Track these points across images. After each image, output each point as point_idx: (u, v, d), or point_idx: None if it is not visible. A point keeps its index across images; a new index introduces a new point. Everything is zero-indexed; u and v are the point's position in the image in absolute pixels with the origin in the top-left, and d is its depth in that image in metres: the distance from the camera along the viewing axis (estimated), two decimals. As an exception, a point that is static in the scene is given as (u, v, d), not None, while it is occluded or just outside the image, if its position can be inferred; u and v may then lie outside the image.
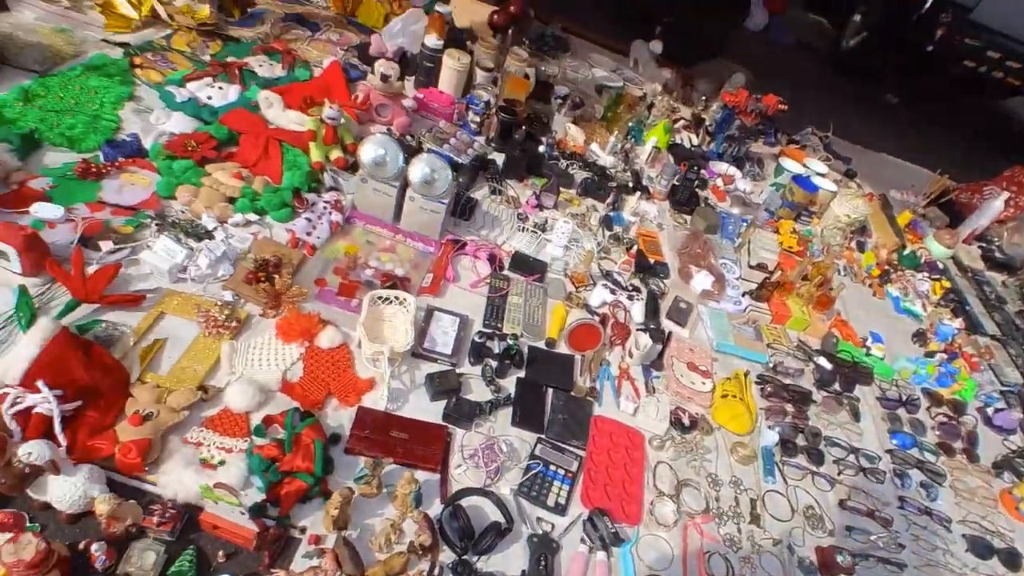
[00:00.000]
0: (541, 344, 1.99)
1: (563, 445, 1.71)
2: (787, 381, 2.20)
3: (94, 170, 1.94)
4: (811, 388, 2.22)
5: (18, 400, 1.31)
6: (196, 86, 2.37)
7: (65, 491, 1.23)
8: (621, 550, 1.54)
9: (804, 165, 3.36)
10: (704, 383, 2.05)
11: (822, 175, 3.29)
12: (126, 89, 2.31)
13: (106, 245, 1.74)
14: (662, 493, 1.69)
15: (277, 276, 1.81)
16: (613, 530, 1.51)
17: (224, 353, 1.60)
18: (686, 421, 1.90)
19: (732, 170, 3.24)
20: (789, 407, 2.10)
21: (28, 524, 1.24)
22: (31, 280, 1.59)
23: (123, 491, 1.33)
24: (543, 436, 1.72)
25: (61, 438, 1.32)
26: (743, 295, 2.48)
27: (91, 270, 1.63)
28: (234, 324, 1.67)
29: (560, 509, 1.57)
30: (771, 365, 2.24)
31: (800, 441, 2.01)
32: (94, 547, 1.17)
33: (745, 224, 2.84)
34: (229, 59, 2.62)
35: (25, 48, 2.29)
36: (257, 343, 1.68)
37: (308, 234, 1.99)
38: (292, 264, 1.88)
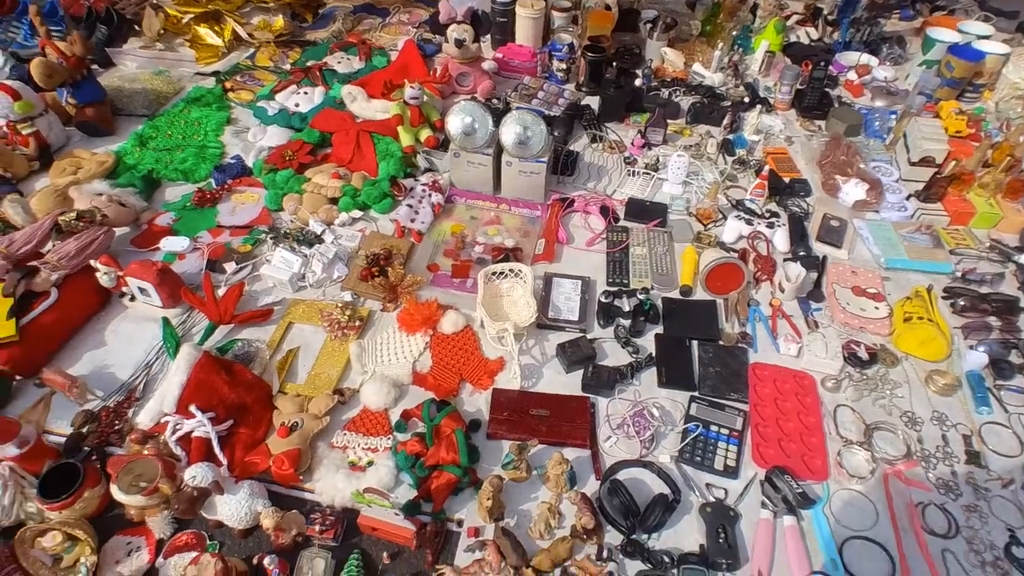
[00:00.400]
0: (675, 294, 1.80)
1: (721, 401, 1.52)
2: (984, 290, 1.82)
3: (209, 196, 2.01)
4: (1016, 294, 1.83)
5: (178, 426, 1.37)
6: (283, 96, 2.40)
7: (232, 508, 1.26)
8: (813, 512, 1.34)
9: (959, 31, 2.79)
10: (877, 307, 1.75)
11: (985, 38, 2.71)
12: (224, 114, 2.39)
13: (230, 266, 1.79)
14: (849, 441, 1.46)
15: (390, 268, 1.77)
16: (799, 490, 1.31)
17: (353, 354, 1.59)
18: (863, 354, 1.63)
19: (866, 58, 2.77)
20: (993, 320, 1.74)
21: (208, 543, 1.30)
22: (172, 311, 1.67)
23: (284, 502, 1.35)
24: (696, 395, 1.54)
25: (221, 457, 1.36)
26: (908, 198, 2.10)
27: (221, 292, 1.68)
28: (357, 323, 1.65)
29: (731, 472, 1.40)
30: (959, 274, 1.87)
31: (1016, 358, 1.65)
32: (267, 560, 1.19)
33: (894, 116, 2.41)
34: (309, 63, 2.63)
35: (132, 96, 2.43)
36: (383, 339, 1.65)
37: (412, 221, 1.94)
38: (402, 254, 1.83)
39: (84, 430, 1.42)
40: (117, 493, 1.24)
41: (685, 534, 1.32)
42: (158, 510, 1.28)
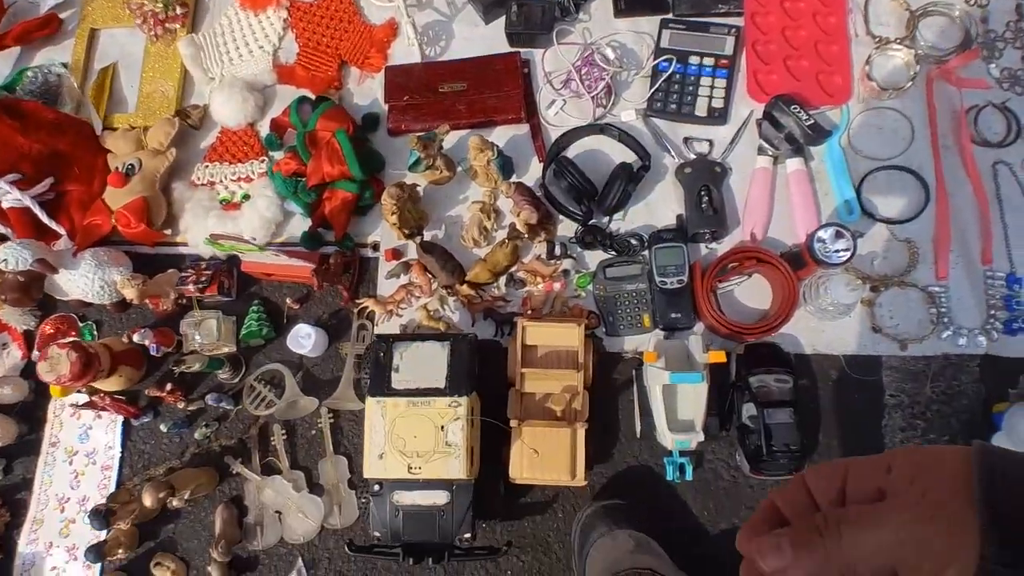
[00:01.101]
0: None
1: (705, 20, 1.07)
2: None
3: None
4: None
5: (-25, 200, 1.03)
6: None
7: (81, 285, 1.00)
8: (825, 147, 1.01)
9: None
10: None
11: None
12: None
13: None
14: (884, 41, 1.04)
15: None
16: (809, 121, 0.96)
17: (186, 56, 1.13)
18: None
19: None
20: None
21: (81, 325, 1.07)
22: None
23: (157, 263, 1.08)
24: (670, 17, 1.08)
25: (55, 226, 1.05)
26: None
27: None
28: (181, 11, 1.15)
29: (718, 116, 1.04)
30: None
31: None
32: (137, 336, 0.96)
33: None
34: None
35: None
36: (223, 27, 1.16)
37: None
38: None
39: None
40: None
41: (658, 207, 1.03)
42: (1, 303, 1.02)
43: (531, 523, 0.94)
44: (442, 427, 0.80)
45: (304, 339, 0.99)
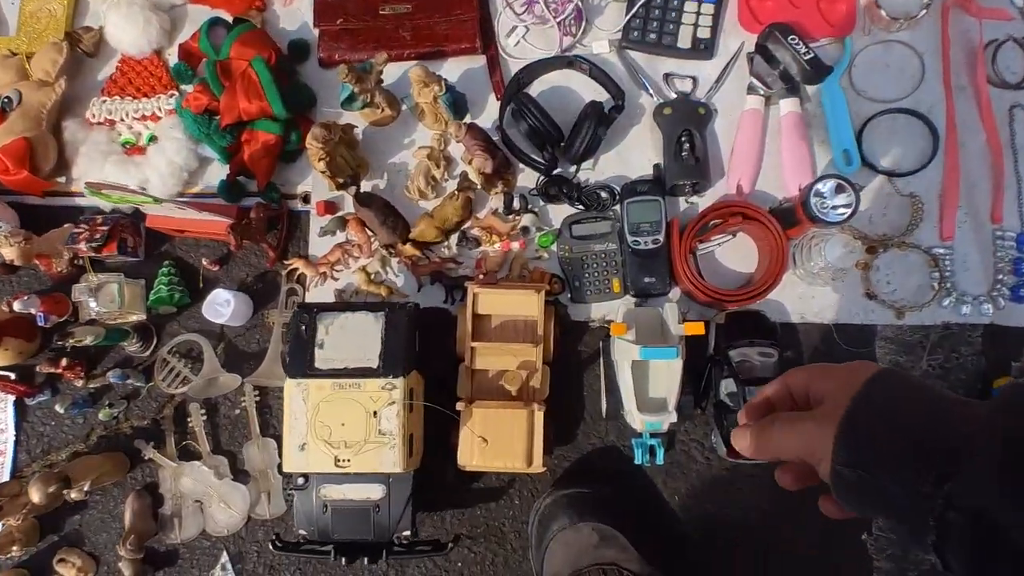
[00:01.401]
0: None
1: (691, -67, 0.91)
2: None
3: None
4: None
5: None
6: None
7: (-49, 244, 0.84)
8: (824, 87, 0.88)
9: None
10: None
11: None
12: None
13: None
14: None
15: None
16: (807, 54, 0.82)
17: (74, -34, 0.94)
18: None
19: None
20: None
21: (-38, 289, 0.92)
22: None
23: (51, 217, 0.92)
24: (650, -71, 0.92)
25: (-80, 173, 0.88)
26: None
27: None
28: (66, -91, 0.95)
29: (704, 49, 0.90)
30: None
31: None
32: (17, 305, 0.82)
33: None
34: None
35: None
36: (120, -70, 0.97)
37: None
38: None
39: None
40: None
41: (632, 155, 0.90)
42: None
43: (484, 511, 0.85)
44: (374, 413, 0.69)
45: (222, 306, 0.85)
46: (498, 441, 0.76)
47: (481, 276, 0.84)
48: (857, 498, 0.36)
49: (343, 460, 0.69)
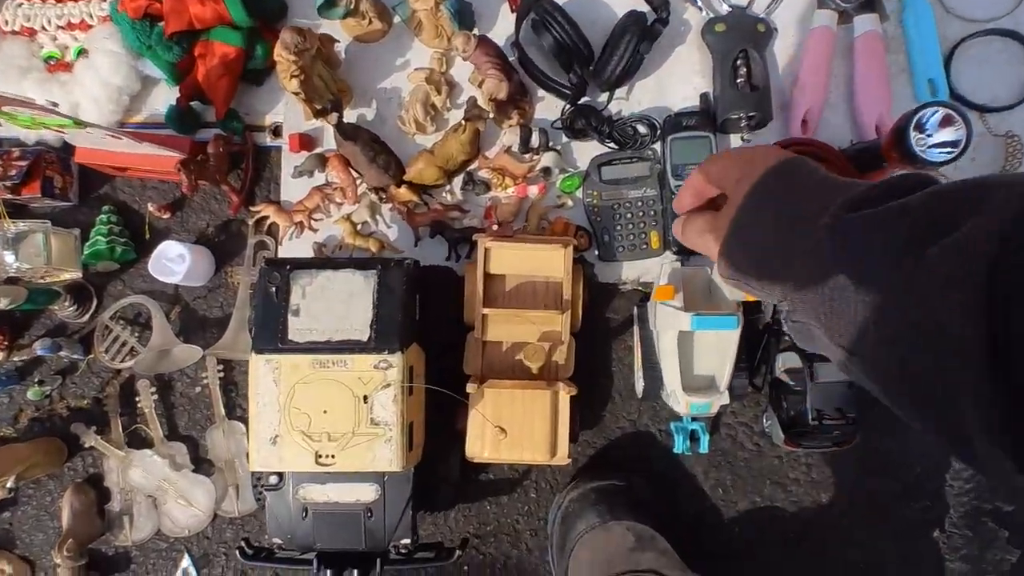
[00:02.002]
0: None
1: None
2: None
3: None
4: None
5: None
6: None
7: None
8: (907, 2, 0.72)
9: None
10: None
11: None
12: None
13: None
14: None
15: None
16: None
17: None
18: None
19: None
20: None
21: None
22: None
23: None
24: None
25: None
26: None
27: None
28: None
29: (763, -48, 0.73)
30: None
31: None
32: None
33: None
34: None
35: None
36: None
37: None
38: None
39: None
40: None
41: (675, 82, 0.74)
42: None
43: (494, 506, 0.72)
44: (365, 398, 0.54)
45: (174, 262, 0.70)
46: (515, 429, 0.62)
47: (494, 227, 0.69)
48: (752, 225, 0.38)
49: (326, 456, 0.54)
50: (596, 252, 0.72)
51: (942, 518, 0.70)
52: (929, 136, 0.59)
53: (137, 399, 0.72)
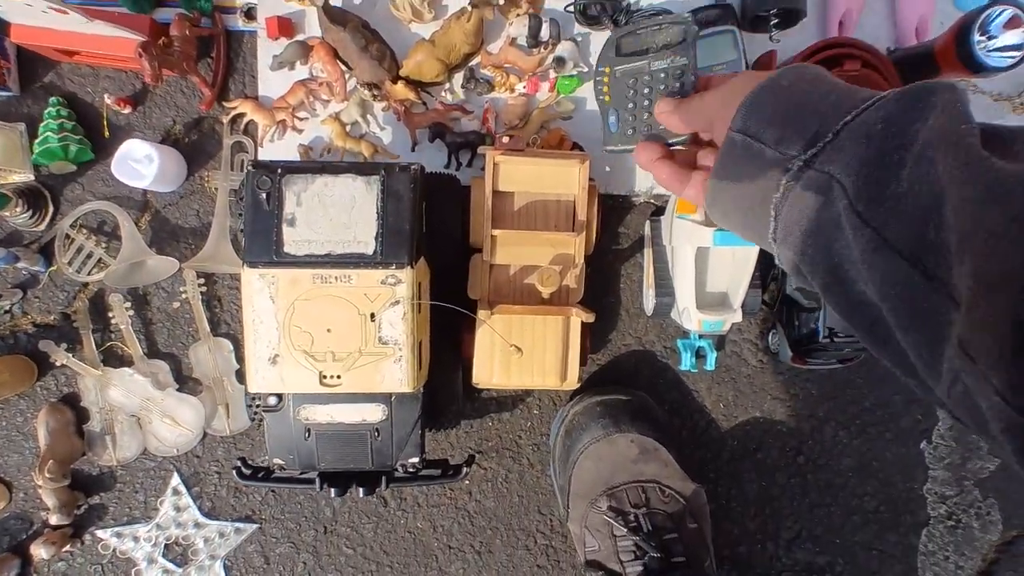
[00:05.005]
0: None
1: None
2: None
3: None
4: None
5: None
6: None
7: None
8: None
9: None
10: None
11: None
12: None
13: None
14: None
15: None
16: None
17: None
18: None
19: None
20: None
21: None
22: None
23: None
24: None
25: None
26: None
27: None
28: None
29: None
30: None
31: None
32: None
33: None
34: None
35: None
36: None
37: None
38: None
39: None
40: None
41: (703, -32, 0.66)
42: None
43: (496, 422, 0.71)
44: (372, 316, 0.50)
45: (141, 164, 0.62)
46: (525, 354, 0.60)
47: (502, 138, 0.63)
48: (734, 165, 0.38)
49: (331, 377, 0.51)
50: (604, 142, 0.66)
51: (930, 430, 0.72)
52: (992, 39, 0.55)
53: (110, 315, 0.66)
